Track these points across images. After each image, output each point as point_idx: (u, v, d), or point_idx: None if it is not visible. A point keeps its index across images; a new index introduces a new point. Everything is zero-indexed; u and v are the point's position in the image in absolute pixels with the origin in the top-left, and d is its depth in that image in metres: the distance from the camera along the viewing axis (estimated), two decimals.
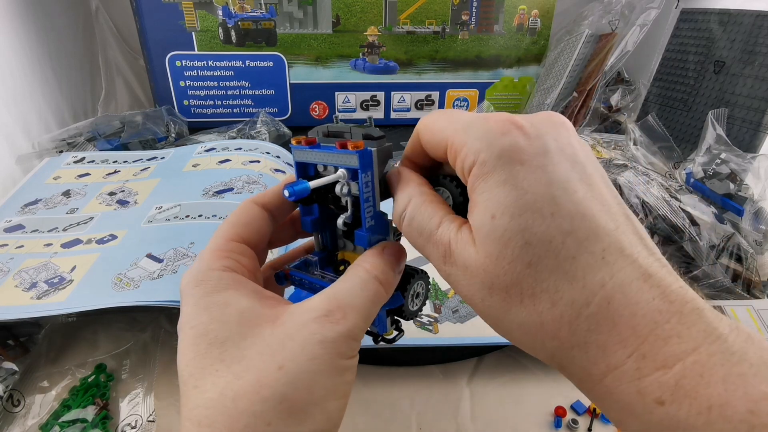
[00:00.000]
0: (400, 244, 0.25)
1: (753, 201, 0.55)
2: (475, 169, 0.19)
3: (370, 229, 0.24)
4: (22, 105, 0.66)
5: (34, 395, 0.37)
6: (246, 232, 0.25)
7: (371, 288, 0.22)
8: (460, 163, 0.20)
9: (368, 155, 0.22)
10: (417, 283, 0.26)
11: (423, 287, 0.27)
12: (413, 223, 0.22)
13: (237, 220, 0.25)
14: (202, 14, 0.74)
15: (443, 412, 0.37)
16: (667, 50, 0.76)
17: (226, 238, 0.24)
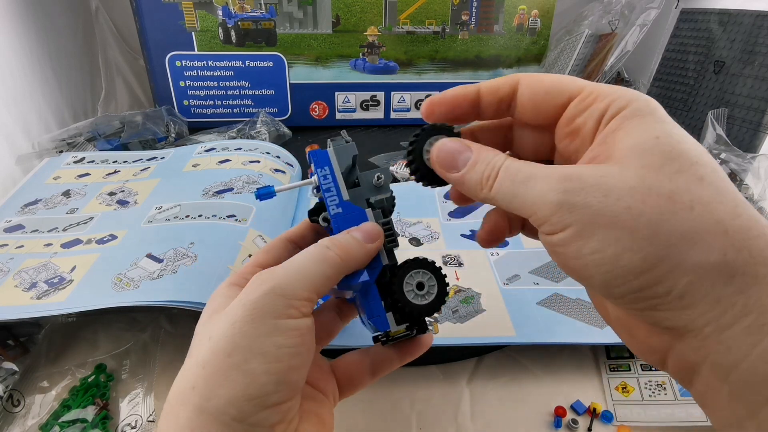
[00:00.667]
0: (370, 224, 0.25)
1: (753, 201, 0.55)
2: (627, 111, 0.19)
3: (337, 216, 0.26)
4: (22, 105, 0.66)
5: (34, 395, 0.37)
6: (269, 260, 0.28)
7: (314, 250, 0.23)
8: (604, 106, 0.20)
9: (321, 153, 0.26)
10: (415, 272, 0.25)
11: (430, 279, 0.25)
12: (508, 170, 0.20)
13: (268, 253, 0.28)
14: (202, 14, 0.74)
15: (443, 412, 0.37)
16: (667, 50, 0.76)
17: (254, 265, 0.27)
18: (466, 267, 0.47)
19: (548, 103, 0.22)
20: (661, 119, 0.19)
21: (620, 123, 0.19)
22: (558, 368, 0.40)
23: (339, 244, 0.24)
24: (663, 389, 0.38)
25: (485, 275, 0.46)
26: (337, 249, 0.23)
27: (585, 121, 0.20)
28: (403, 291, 0.25)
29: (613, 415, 0.36)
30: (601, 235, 0.17)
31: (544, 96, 0.22)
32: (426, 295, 0.25)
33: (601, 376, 0.40)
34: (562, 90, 0.21)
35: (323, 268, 0.23)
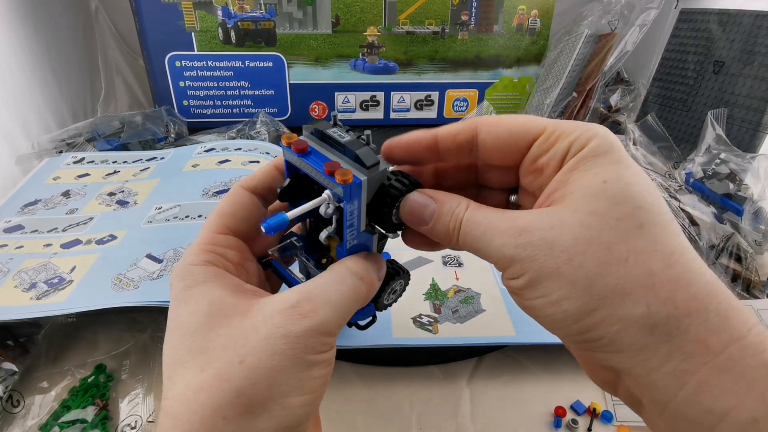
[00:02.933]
0: (380, 256, 0.25)
1: (752, 201, 0.55)
2: (585, 151, 0.20)
3: (352, 248, 0.24)
4: (21, 105, 0.66)
5: (33, 396, 0.37)
6: (233, 222, 0.25)
7: (350, 283, 0.22)
8: (566, 145, 0.21)
9: (356, 188, 0.22)
10: (399, 282, 0.27)
11: (402, 285, 0.28)
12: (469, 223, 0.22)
13: (223, 210, 0.25)
14: (201, 14, 0.74)
15: (443, 412, 0.37)
16: (667, 50, 0.76)
17: (212, 230, 0.24)
18: (465, 267, 0.47)
19: (512, 146, 0.23)
20: (615, 160, 0.20)
21: (576, 163, 0.20)
22: (558, 368, 0.40)
23: (369, 281, 0.23)
24: None
25: (485, 275, 0.46)
26: (368, 285, 0.23)
27: (548, 161, 0.22)
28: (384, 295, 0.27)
29: (612, 415, 0.36)
30: (546, 284, 0.19)
31: (508, 139, 0.23)
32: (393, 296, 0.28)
33: None
34: (525, 131, 0.22)
35: (355, 305, 0.23)
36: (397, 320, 0.41)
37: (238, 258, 0.24)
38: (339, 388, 0.39)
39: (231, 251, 0.24)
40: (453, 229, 0.22)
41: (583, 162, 0.20)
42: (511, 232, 0.20)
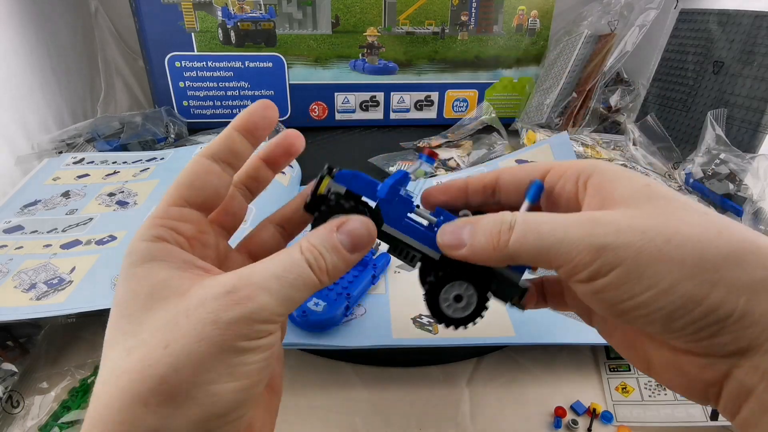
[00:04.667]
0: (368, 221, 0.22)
1: (752, 201, 0.55)
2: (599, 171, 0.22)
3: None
4: (21, 106, 0.66)
5: (33, 396, 0.37)
6: (189, 192, 0.23)
7: (296, 272, 0.20)
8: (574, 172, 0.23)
9: None
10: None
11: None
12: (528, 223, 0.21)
13: (179, 181, 0.23)
14: (201, 15, 0.74)
15: (443, 412, 0.37)
16: (666, 51, 0.76)
17: (166, 203, 0.22)
18: None
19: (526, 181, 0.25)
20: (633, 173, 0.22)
21: (600, 180, 0.21)
22: (558, 368, 0.40)
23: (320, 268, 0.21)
24: (663, 389, 0.38)
25: None
26: (319, 273, 0.21)
27: (563, 185, 0.23)
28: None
29: (612, 415, 0.36)
30: (651, 270, 0.18)
31: (524, 179, 0.25)
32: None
33: (600, 376, 0.40)
34: (537, 172, 0.25)
35: (304, 294, 0.20)
36: (396, 321, 0.41)
37: (193, 231, 0.23)
38: (339, 389, 0.39)
39: (185, 224, 0.22)
40: (503, 232, 0.21)
41: (608, 180, 0.21)
42: (590, 224, 0.19)
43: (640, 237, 0.18)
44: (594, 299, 0.20)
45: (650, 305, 0.18)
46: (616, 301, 0.19)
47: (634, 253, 0.18)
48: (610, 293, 0.19)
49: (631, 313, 0.19)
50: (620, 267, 0.18)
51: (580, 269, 0.19)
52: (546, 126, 0.79)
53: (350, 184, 0.24)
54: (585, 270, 0.19)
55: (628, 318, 0.19)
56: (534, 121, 0.80)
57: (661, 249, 0.18)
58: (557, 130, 0.77)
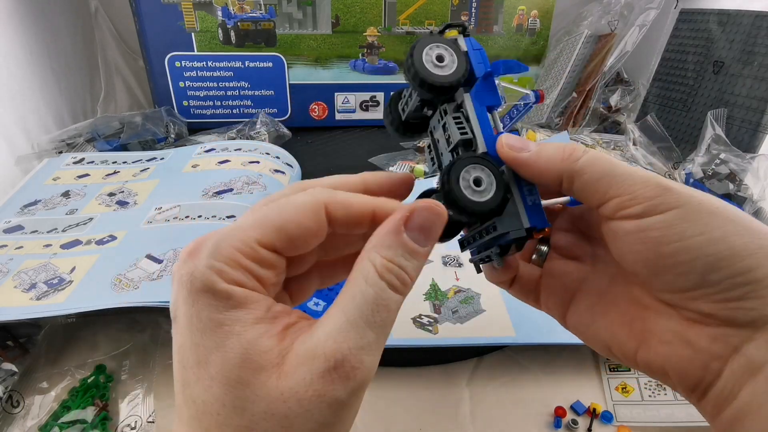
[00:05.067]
0: (433, 204, 0.20)
1: (752, 201, 0.55)
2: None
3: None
4: (21, 106, 0.66)
5: (33, 396, 0.37)
6: (286, 244, 0.19)
7: (384, 307, 0.18)
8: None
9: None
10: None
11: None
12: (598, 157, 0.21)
13: (286, 224, 0.19)
14: (201, 15, 0.74)
15: (443, 412, 0.37)
16: (666, 50, 0.76)
17: (259, 239, 0.19)
18: (465, 267, 0.47)
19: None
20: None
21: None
22: (558, 368, 0.40)
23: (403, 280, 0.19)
24: (663, 389, 0.38)
25: None
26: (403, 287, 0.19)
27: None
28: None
29: (612, 415, 0.36)
30: (707, 219, 0.19)
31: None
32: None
33: (600, 376, 0.40)
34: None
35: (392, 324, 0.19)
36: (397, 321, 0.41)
37: (275, 281, 0.20)
38: None
39: (270, 273, 0.19)
40: (576, 149, 0.21)
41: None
42: (653, 174, 0.20)
43: (702, 194, 0.19)
44: (637, 238, 0.20)
45: (697, 250, 0.19)
46: (665, 241, 0.19)
47: (696, 202, 0.19)
48: (661, 232, 0.19)
49: (676, 256, 0.19)
50: (679, 209, 0.19)
51: (638, 201, 0.20)
52: (546, 126, 0.79)
53: (474, 46, 0.24)
54: (644, 203, 0.20)
55: (668, 263, 0.19)
56: (534, 121, 0.80)
57: (719, 206, 0.19)
58: (557, 130, 0.77)
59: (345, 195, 0.20)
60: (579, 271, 0.26)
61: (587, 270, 0.26)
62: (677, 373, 0.21)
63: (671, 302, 0.21)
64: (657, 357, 0.21)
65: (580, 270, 0.26)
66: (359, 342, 0.18)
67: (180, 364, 0.18)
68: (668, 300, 0.21)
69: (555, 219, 0.28)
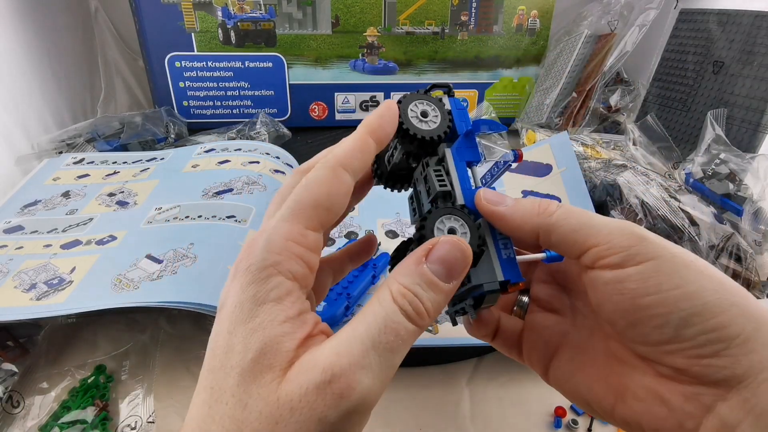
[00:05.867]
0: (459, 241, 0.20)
1: (752, 201, 0.55)
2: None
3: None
4: (21, 106, 0.66)
5: (33, 396, 0.37)
6: (328, 218, 0.20)
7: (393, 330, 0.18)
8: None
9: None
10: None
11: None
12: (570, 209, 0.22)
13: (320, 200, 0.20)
14: (201, 15, 0.74)
15: (443, 412, 0.37)
16: (666, 50, 0.76)
17: (307, 223, 0.20)
18: None
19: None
20: None
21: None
22: None
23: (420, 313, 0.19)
24: None
25: None
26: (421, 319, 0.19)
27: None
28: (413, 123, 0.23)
29: None
30: (682, 272, 0.19)
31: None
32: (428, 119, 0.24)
33: None
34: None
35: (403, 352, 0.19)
36: None
37: (315, 265, 0.20)
38: None
39: (314, 257, 0.20)
40: (550, 204, 0.22)
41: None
42: (629, 223, 0.20)
43: (675, 247, 0.20)
44: (615, 288, 0.20)
45: (673, 304, 0.19)
46: (641, 293, 0.19)
47: (670, 254, 0.19)
48: (638, 284, 0.19)
49: (652, 309, 0.19)
50: (655, 260, 0.19)
51: (615, 251, 0.20)
52: (546, 126, 0.79)
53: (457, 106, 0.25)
54: (620, 253, 0.20)
55: (644, 315, 0.19)
56: (534, 121, 0.80)
57: (692, 260, 0.19)
58: (557, 129, 0.77)
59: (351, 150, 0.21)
60: (560, 325, 0.26)
61: (567, 324, 0.26)
62: (658, 430, 0.20)
63: (646, 355, 0.21)
64: (633, 414, 0.21)
65: (560, 323, 0.26)
66: (360, 360, 0.17)
67: (211, 351, 0.19)
68: (643, 353, 0.21)
69: (534, 271, 0.28)
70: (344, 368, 0.17)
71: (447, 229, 0.22)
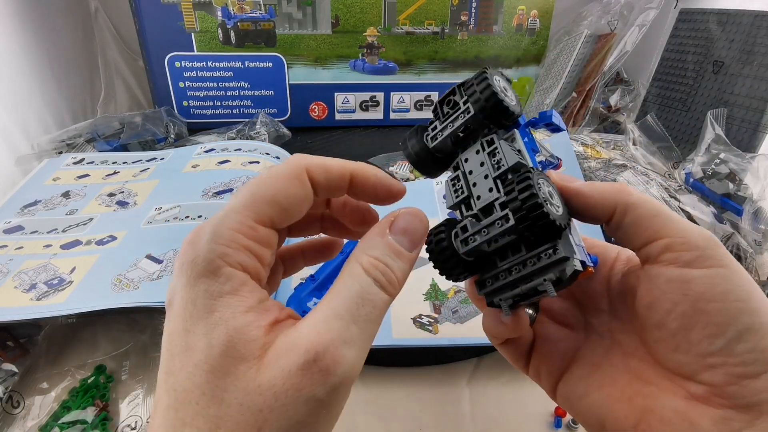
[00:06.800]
0: (416, 211, 0.21)
1: (752, 201, 0.55)
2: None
3: None
4: (21, 106, 0.66)
5: (33, 396, 0.37)
6: (280, 217, 0.20)
7: (370, 302, 0.18)
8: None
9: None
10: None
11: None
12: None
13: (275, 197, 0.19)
14: (201, 15, 0.74)
15: (443, 412, 0.37)
16: (666, 50, 0.76)
17: (253, 218, 0.19)
18: None
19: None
20: None
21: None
22: None
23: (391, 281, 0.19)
24: None
25: None
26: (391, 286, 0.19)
27: None
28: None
29: None
30: (748, 287, 0.19)
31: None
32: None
33: None
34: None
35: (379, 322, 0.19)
36: (396, 321, 0.41)
37: (269, 261, 0.20)
38: None
39: (267, 252, 0.19)
40: (625, 186, 0.21)
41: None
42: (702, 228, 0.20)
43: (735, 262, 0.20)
44: (678, 287, 0.20)
45: (734, 316, 0.18)
46: (707, 298, 0.19)
47: (738, 266, 0.19)
48: (704, 288, 0.19)
49: (712, 317, 0.19)
50: (725, 268, 0.19)
51: (688, 248, 0.19)
52: None
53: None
54: (693, 252, 0.19)
55: (702, 321, 0.19)
56: None
57: (752, 280, 0.19)
58: None
59: (322, 158, 0.21)
60: (571, 340, 0.25)
61: (579, 339, 0.25)
62: None
63: (681, 368, 0.20)
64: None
65: (572, 338, 0.25)
66: (342, 335, 0.17)
67: (168, 353, 0.18)
68: (680, 364, 0.20)
69: None
70: (328, 345, 0.17)
71: (547, 192, 0.20)
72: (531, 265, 0.20)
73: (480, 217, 0.22)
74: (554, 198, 0.21)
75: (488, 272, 0.22)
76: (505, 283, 0.21)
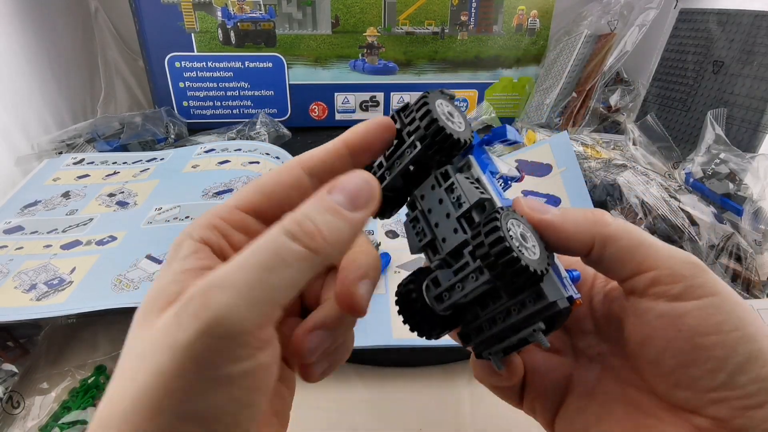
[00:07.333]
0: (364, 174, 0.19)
1: (752, 201, 0.55)
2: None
3: None
4: (21, 106, 0.66)
5: (33, 397, 0.37)
6: (263, 204, 0.20)
7: (269, 249, 0.16)
8: None
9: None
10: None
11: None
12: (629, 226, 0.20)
13: (261, 186, 0.20)
14: (201, 15, 0.74)
15: (443, 412, 0.37)
16: (666, 50, 0.76)
17: (235, 203, 0.19)
18: None
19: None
20: None
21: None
22: None
23: (308, 231, 0.16)
24: None
25: None
26: (305, 239, 0.16)
27: None
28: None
29: None
30: (740, 313, 0.18)
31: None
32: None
33: None
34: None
35: (286, 276, 0.16)
36: (396, 321, 0.41)
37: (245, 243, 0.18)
38: (339, 389, 0.39)
39: (239, 235, 0.19)
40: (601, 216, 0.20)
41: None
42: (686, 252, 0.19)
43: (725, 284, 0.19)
44: (671, 323, 0.19)
45: (731, 347, 0.17)
46: (701, 331, 0.18)
47: (728, 291, 0.18)
48: (698, 321, 0.18)
49: (711, 351, 0.18)
50: (716, 296, 0.18)
51: (676, 280, 0.18)
52: (546, 126, 0.79)
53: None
54: (682, 283, 0.18)
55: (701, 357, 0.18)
56: (534, 121, 0.80)
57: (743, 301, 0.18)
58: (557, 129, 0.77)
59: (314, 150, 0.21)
60: (562, 366, 0.24)
61: (570, 365, 0.24)
62: None
63: (686, 403, 0.19)
64: None
65: (563, 365, 0.24)
66: (219, 281, 0.15)
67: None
68: (683, 400, 0.19)
69: None
70: (201, 288, 0.15)
71: (518, 235, 0.18)
72: (516, 313, 0.19)
73: (450, 261, 0.20)
74: (528, 240, 0.18)
75: (470, 323, 0.21)
76: (490, 334, 0.20)
